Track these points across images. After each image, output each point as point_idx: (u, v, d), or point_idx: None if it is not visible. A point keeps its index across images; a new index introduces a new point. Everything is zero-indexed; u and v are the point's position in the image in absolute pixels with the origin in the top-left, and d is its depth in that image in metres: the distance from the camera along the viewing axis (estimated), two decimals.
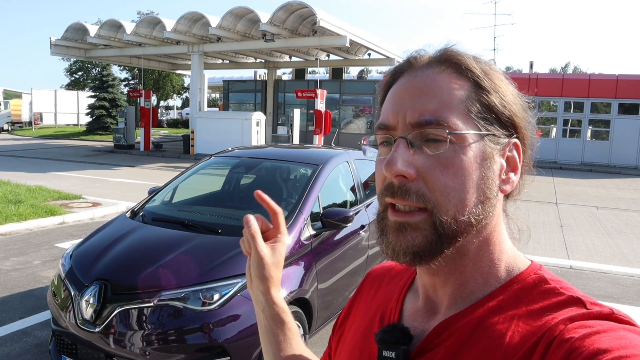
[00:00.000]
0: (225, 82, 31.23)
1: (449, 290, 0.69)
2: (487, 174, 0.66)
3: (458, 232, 0.64)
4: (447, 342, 0.65)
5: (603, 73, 25.93)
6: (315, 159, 4.62)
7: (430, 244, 0.64)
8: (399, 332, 0.69)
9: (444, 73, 0.67)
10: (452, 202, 0.64)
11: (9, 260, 6.38)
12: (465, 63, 0.67)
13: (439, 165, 0.64)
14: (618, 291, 5.99)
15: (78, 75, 48.49)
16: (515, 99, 0.69)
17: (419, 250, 0.64)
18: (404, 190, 0.64)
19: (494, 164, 0.67)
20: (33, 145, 25.63)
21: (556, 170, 20.38)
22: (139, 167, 17.57)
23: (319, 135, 18.98)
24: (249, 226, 0.85)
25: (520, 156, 0.69)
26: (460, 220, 0.64)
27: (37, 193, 10.32)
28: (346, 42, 18.73)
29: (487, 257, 0.68)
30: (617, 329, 0.56)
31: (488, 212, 0.66)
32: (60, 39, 22.56)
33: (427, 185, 0.64)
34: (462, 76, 0.67)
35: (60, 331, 3.36)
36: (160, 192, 4.68)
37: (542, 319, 0.61)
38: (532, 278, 0.66)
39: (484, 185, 0.65)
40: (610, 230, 9.41)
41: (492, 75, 0.68)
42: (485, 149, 0.66)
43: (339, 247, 4.14)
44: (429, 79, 0.67)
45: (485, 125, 0.66)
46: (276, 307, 0.86)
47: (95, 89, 34.99)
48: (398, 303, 0.78)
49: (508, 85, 0.69)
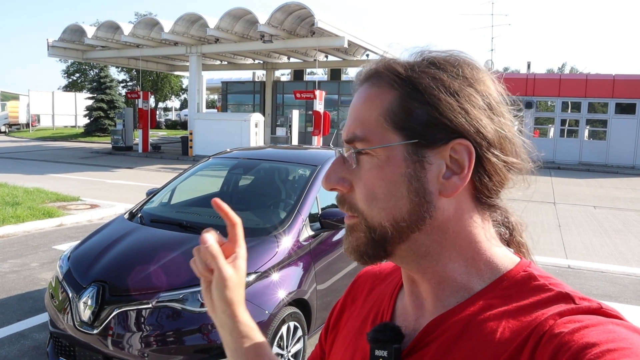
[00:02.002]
0: (223, 83, 31.25)
1: (428, 287, 0.71)
2: (412, 181, 0.66)
3: (389, 237, 0.67)
4: (439, 339, 0.66)
5: (600, 73, 25.94)
6: (314, 160, 4.63)
7: (367, 245, 0.69)
8: (390, 331, 0.70)
9: (374, 87, 0.70)
10: (375, 211, 0.68)
11: (6, 262, 6.37)
12: (389, 75, 0.68)
13: (361, 178, 0.69)
14: (616, 290, 6.00)
15: (75, 77, 48.44)
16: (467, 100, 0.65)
17: (360, 250, 0.70)
18: (341, 201, 0.72)
19: (424, 170, 0.66)
20: (30, 147, 25.59)
21: (554, 170, 20.42)
22: (137, 169, 17.55)
23: (318, 136, 18.99)
24: (208, 246, 0.77)
25: (470, 158, 0.65)
26: (386, 226, 0.67)
27: (35, 195, 10.30)
28: (344, 43, 18.75)
29: (457, 257, 0.69)
30: (606, 323, 0.57)
31: (423, 216, 0.66)
32: (58, 40, 22.52)
33: (357, 194, 0.69)
34: (390, 87, 0.68)
35: (58, 333, 3.35)
36: (159, 194, 4.67)
37: (532, 314, 0.62)
38: (521, 275, 0.67)
39: (409, 192, 0.66)
40: (608, 230, 9.42)
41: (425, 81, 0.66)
42: (409, 156, 0.66)
43: (338, 248, 4.14)
44: (360, 96, 0.71)
45: (408, 134, 0.66)
46: (245, 326, 0.81)
47: (93, 90, 34.95)
48: (390, 303, 0.79)
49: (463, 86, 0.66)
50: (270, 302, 3.25)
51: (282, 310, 3.32)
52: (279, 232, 3.68)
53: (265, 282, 3.33)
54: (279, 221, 3.85)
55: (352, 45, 21.16)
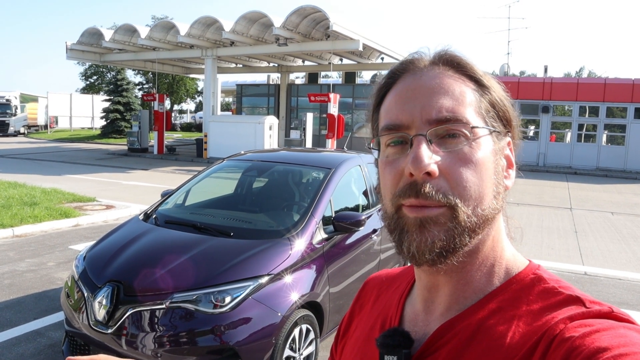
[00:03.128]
0: (238, 86, 31.41)
1: (450, 290, 0.70)
2: (497, 169, 0.68)
3: (477, 226, 0.65)
4: (449, 344, 0.66)
5: (619, 77, 25.58)
6: (328, 163, 4.62)
7: (454, 238, 0.64)
8: (399, 336, 0.70)
9: (449, 72, 0.69)
10: (473, 196, 0.64)
11: (24, 261, 6.46)
12: (467, 63, 0.70)
13: (459, 161, 0.65)
14: (634, 298, 5.89)
15: (93, 80, 49.03)
16: (507, 99, 0.72)
17: (445, 245, 0.64)
18: (428, 187, 0.63)
19: (501, 160, 0.70)
20: (48, 149, 25.97)
21: (570, 176, 20.17)
22: (153, 170, 17.71)
23: (332, 140, 18.98)
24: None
25: (513, 154, 0.72)
26: (479, 214, 0.65)
27: (52, 195, 10.44)
28: (359, 46, 18.75)
29: (493, 255, 0.69)
30: (617, 327, 0.56)
31: (500, 206, 0.68)
32: (76, 43, 22.88)
33: (449, 181, 0.64)
34: (465, 76, 0.69)
35: (74, 332, 3.39)
36: (173, 195, 4.71)
37: (542, 318, 0.61)
38: (531, 278, 0.67)
39: (496, 180, 0.68)
40: (626, 236, 9.27)
41: (489, 76, 0.71)
42: (494, 144, 0.68)
43: (351, 251, 4.13)
44: (437, 79, 0.68)
45: (492, 122, 0.69)
46: None
47: (109, 92, 35.38)
48: (398, 308, 0.78)
49: (499, 86, 0.72)
50: (282, 304, 3.25)
51: (294, 312, 3.31)
52: (293, 235, 3.68)
53: (278, 284, 3.33)
54: (293, 224, 3.85)
55: (366, 48, 21.16)
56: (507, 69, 26.83)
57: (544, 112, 22.44)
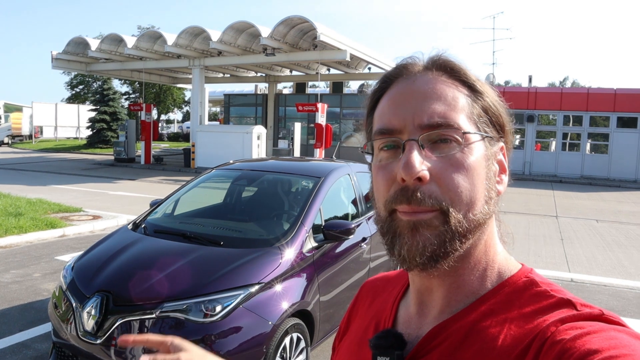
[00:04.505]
0: (226, 95, 31.40)
1: (443, 293, 0.70)
2: (489, 174, 0.69)
3: (469, 231, 0.65)
4: (441, 346, 0.66)
5: (602, 87, 26.00)
6: (317, 172, 4.64)
7: (445, 242, 0.64)
8: (392, 337, 0.70)
9: (443, 78, 0.69)
10: (464, 201, 0.65)
11: (9, 272, 6.36)
12: (460, 68, 0.71)
13: (450, 166, 0.65)
14: (619, 304, 5.97)
15: (79, 89, 48.68)
16: (501, 104, 0.72)
17: (435, 250, 0.64)
18: (420, 193, 0.64)
19: (493, 165, 0.70)
20: (33, 159, 25.67)
21: (556, 184, 20.40)
22: (140, 181, 17.58)
23: (320, 149, 19.03)
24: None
25: (506, 159, 0.72)
26: (471, 219, 0.65)
27: (38, 206, 10.31)
28: (346, 57, 18.87)
29: (485, 258, 0.70)
30: (608, 330, 0.57)
31: (492, 211, 0.69)
32: (62, 52, 22.73)
33: (440, 186, 0.64)
34: (458, 81, 0.69)
35: (61, 343, 3.35)
36: (162, 205, 4.69)
37: (533, 321, 0.62)
38: (523, 281, 0.68)
39: (488, 185, 0.68)
40: (611, 243, 9.39)
41: (482, 81, 0.72)
42: (486, 150, 0.69)
43: (341, 259, 4.14)
44: (430, 84, 0.68)
45: (484, 128, 0.69)
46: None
47: (96, 102, 35.12)
48: (392, 310, 0.79)
49: (493, 91, 0.73)
50: (273, 313, 3.25)
51: (285, 321, 3.31)
52: (282, 244, 3.68)
53: (268, 293, 3.33)
54: (282, 232, 3.86)
55: (354, 58, 21.30)
56: (493, 78, 27.15)
57: (529, 121, 22.73)
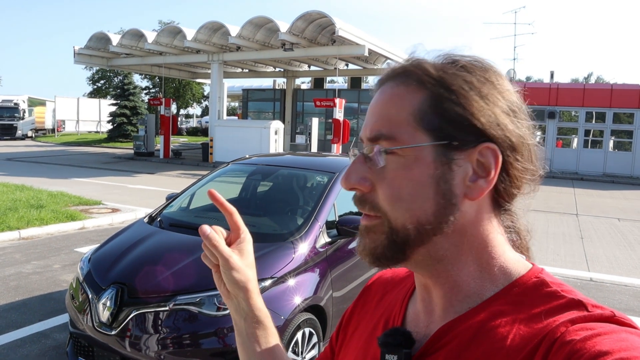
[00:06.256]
0: (244, 90, 31.52)
1: (441, 293, 0.70)
2: (440, 183, 0.65)
3: (412, 240, 0.66)
4: (449, 345, 0.66)
5: (627, 83, 25.46)
6: (332, 167, 4.64)
7: (386, 248, 0.67)
8: (400, 336, 0.70)
9: (401, 86, 0.68)
10: (400, 212, 0.66)
11: (30, 263, 6.50)
12: (419, 74, 0.67)
13: (386, 178, 0.67)
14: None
15: (100, 84, 49.36)
16: (495, 104, 0.66)
17: (377, 253, 0.68)
18: (361, 200, 0.69)
19: (451, 172, 0.65)
20: (56, 152, 26.14)
21: (577, 181, 20.07)
22: (158, 174, 17.78)
23: (337, 144, 19.01)
24: (208, 238, 0.81)
25: (497, 162, 0.65)
26: (410, 229, 0.65)
27: (59, 198, 10.51)
28: (365, 52, 18.79)
29: (473, 261, 0.68)
30: (619, 331, 0.56)
31: (447, 219, 0.66)
32: (84, 47, 23.02)
33: (379, 195, 0.67)
34: (420, 86, 0.67)
35: (78, 333, 3.41)
36: (178, 198, 4.73)
37: (543, 321, 0.61)
38: (533, 282, 0.66)
39: (436, 194, 0.65)
40: (633, 243, 9.21)
41: (457, 82, 0.66)
42: (438, 157, 0.65)
43: (355, 255, 4.13)
44: (385, 94, 0.69)
45: (438, 135, 0.65)
46: (260, 312, 0.87)
47: (116, 97, 35.62)
48: (402, 308, 0.79)
49: (490, 90, 0.66)
50: (286, 308, 3.26)
51: (297, 316, 3.32)
52: (296, 238, 3.69)
53: (281, 287, 3.34)
54: (296, 227, 3.86)
55: (372, 53, 21.19)
56: (513, 74, 26.80)
57: (550, 117, 22.37)
